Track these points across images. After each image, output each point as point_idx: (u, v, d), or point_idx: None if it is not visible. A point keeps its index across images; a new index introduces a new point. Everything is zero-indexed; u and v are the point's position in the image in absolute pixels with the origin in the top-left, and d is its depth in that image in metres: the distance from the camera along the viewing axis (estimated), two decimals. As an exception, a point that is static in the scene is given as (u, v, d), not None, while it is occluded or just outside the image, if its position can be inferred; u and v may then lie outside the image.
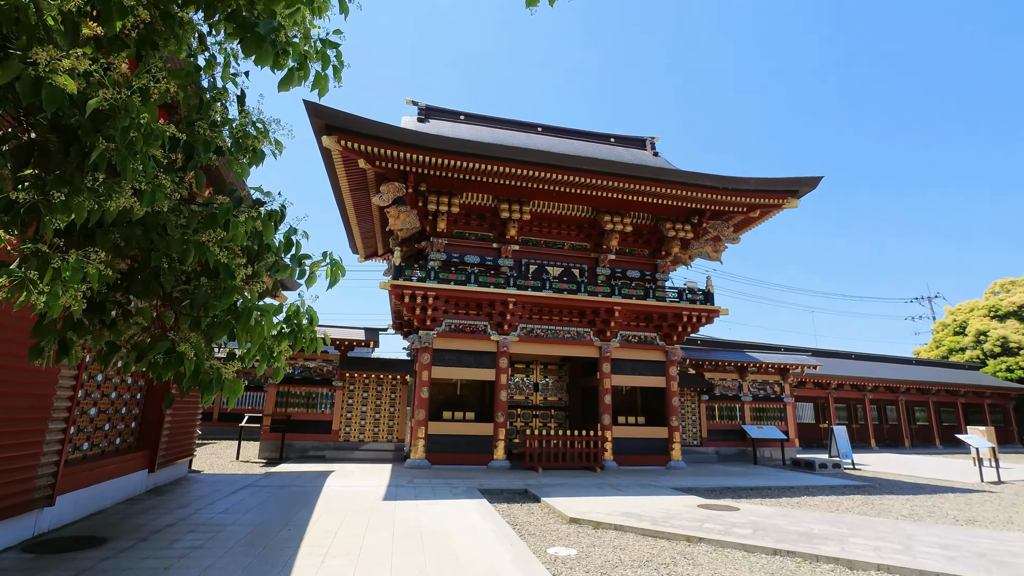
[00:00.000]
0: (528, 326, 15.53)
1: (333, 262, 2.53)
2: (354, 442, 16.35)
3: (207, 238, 2.13)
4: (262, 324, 2.31)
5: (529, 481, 11.91)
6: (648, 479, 12.96)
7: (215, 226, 2.14)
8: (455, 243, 15.81)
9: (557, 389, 18.28)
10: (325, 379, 16.59)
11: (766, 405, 19.94)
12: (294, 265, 2.54)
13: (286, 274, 2.59)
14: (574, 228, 16.75)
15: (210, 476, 11.59)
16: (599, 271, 16.56)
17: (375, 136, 12.86)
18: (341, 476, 11.96)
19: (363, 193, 15.50)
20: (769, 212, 16.14)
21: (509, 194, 15.27)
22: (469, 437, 14.52)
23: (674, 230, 16.25)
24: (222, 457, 16.02)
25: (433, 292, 14.20)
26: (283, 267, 2.54)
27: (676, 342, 16.40)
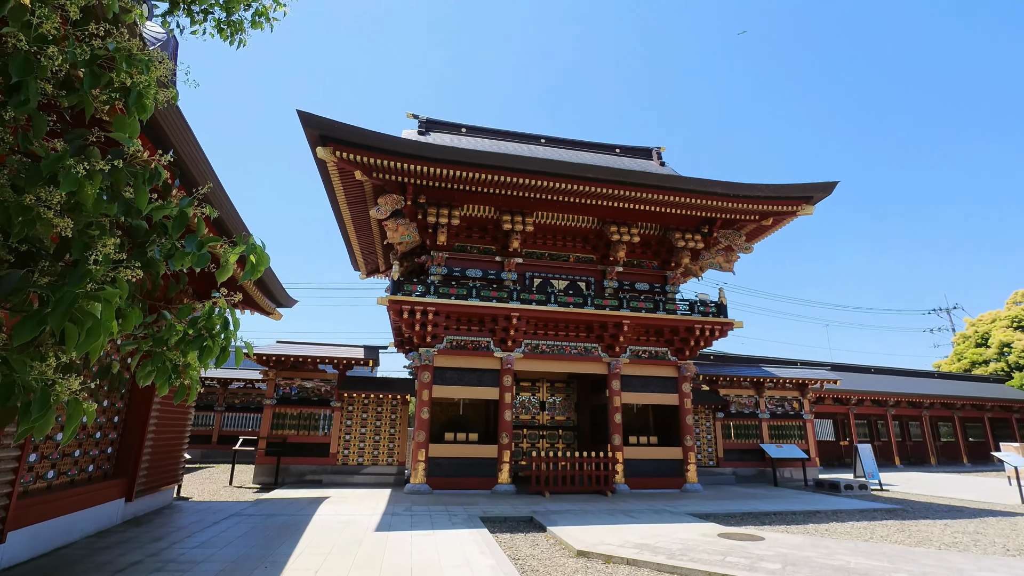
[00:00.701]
0: (533, 342, 14.87)
1: (254, 248, 1.96)
2: (353, 466, 15.64)
3: (33, 200, 1.56)
4: (100, 321, 1.70)
5: (535, 507, 11.14)
6: (662, 503, 12.13)
7: (38, 182, 1.57)
8: (456, 256, 15.27)
9: (565, 408, 17.52)
10: (323, 399, 15.97)
11: (785, 422, 19.01)
12: (192, 248, 1.96)
13: (185, 261, 2.00)
14: (580, 240, 16.17)
15: (197, 504, 10.94)
16: (606, 284, 15.92)
17: (371, 147, 12.44)
18: (335, 503, 11.26)
19: (362, 207, 15.06)
20: (783, 220, 15.48)
21: (511, 205, 14.76)
22: (472, 460, 13.78)
23: (683, 240, 15.62)
24: (216, 482, 15.37)
25: (433, 307, 13.62)
26: (179, 253, 1.96)
27: (688, 357, 15.65)
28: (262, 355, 15.34)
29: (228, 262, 2.02)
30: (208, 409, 23.82)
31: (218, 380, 23.92)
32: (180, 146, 5.61)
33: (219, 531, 8.18)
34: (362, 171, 13.03)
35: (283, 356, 15.43)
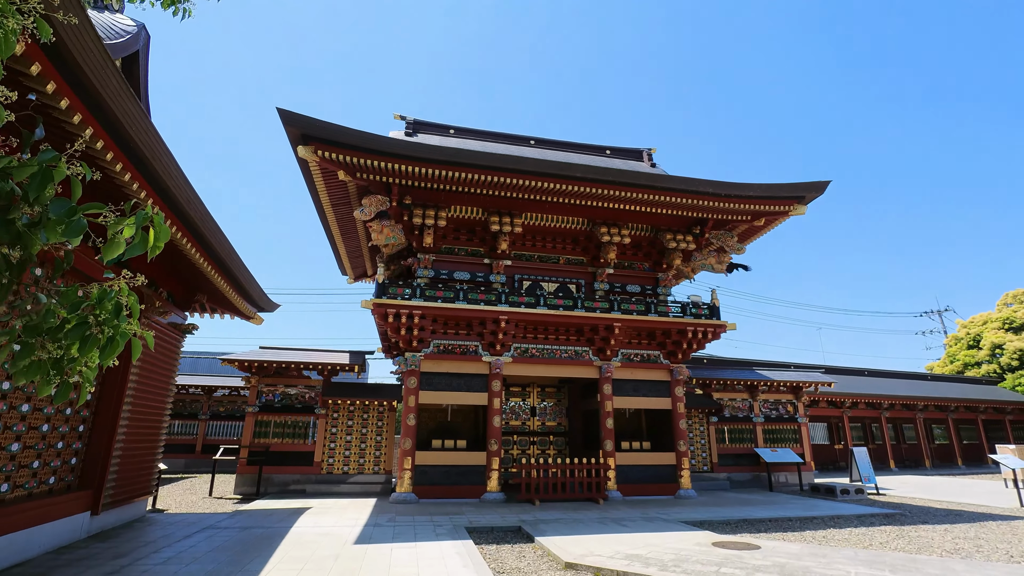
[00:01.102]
0: (523, 346, 14.53)
1: (149, 218, 1.63)
2: (338, 475, 15.20)
3: None
4: None
5: (524, 516, 10.77)
6: (655, 511, 11.78)
7: None
8: (443, 259, 14.94)
9: (555, 413, 17.17)
10: (307, 406, 15.53)
11: (779, 426, 18.74)
12: (59, 215, 1.60)
13: (54, 234, 1.64)
14: (569, 241, 15.89)
15: (171, 517, 10.49)
16: (597, 286, 15.63)
17: (354, 146, 12.11)
18: (316, 514, 10.83)
19: (346, 208, 14.70)
20: (775, 220, 15.28)
21: (499, 206, 14.46)
22: (460, 468, 13.39)
23: (675, 241, 15.37)
24: (196, 493, 14.87)
25: (419, 310, 13.26)
26: (50, 223, 1.60)
27: (681, 360, 15.36)
28: (244, 361, 14.91)
29: (118, 237, 1.69)
30: (192, 418, 23.26)
31: (202, 388, 23.38)
32: (95, 77, 5.00)
33: (188, 546, 7.75)
34: (345, 171, 12.70)
35: (265, 362, 15.01)
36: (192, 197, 7.60)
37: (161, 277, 10.44)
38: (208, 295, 11.82)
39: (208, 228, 8.37)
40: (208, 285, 10.94)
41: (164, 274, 10.51)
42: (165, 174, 6.76)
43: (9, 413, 6.68)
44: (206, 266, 9.15)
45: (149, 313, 9.50)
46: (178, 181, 7.06)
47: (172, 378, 11.09)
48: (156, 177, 6.64)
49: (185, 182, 7.35)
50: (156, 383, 10.34)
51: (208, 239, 8.75)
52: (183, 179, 7.28)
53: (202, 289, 11.56)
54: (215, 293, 11.54)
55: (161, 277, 10.44)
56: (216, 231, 8.80)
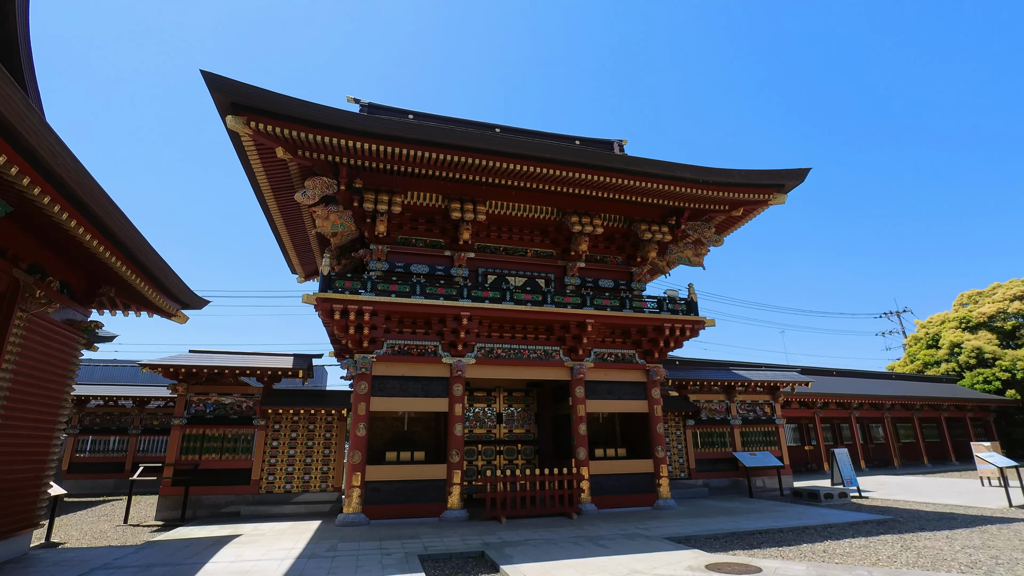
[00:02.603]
0: (487, 345, 13.20)
1: None
2: (279, 494, 13.47)
3: None
4: None
5: (489, 538, 9.40)
6: (635, 525, 10.60)
7: None
8: (399, 250, 13.50)
9: (524, 420, 15.87)
10: (244, 417, 13.77)
11: (756, 428, 17.94)
12: None
13: None
14: (538, 232, 14.68)
15: (63, 554, 8.67)
16: (567, 281, 14.46)
17: (294, 118, 10.61)
18: (243, 544, 9.19)
19: (290, 194, 13.10)
20: (754, 210, 14.46)
21: (461, 193, 13.13)
22: (418, 483, 11.91)
23: (650, 232, 14.35)
24: (113, 520, 12.89)
25: (370, 306, 11.78)
26: None
27: (658, 359, 14.31)
28: (169, 366, 13.07)
29: None
30: (122, 433, 20.92)
31: (133, 399, 21.09)
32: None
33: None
34: (285, 148, 11.17)
35: (195, 367, 13.20)
36: (59, 149, 6.01)
37: (52, 264, 8.69)
38: (117, 288, 10.08)
39: (89, 192, 6.77)
40: (113, 275, 9.22)
41: (56, 261, 8.76)
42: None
43: None
44: (90, 240, 7.49)
45: (27, 305, 7.75)
46: (30, 123, 5.47)
47: (66, 385, 9.28)
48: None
49: (47, 129, 5.76)
50: (41, 391, 8.55)
51: (89, 205, 7.13)
52: (41, 125, 5.70)
53: (108, 280, 9.81)
54: (124, 285, 9.81)
55: (52, 264, 8.69)
56: (105, 200, 7.20)
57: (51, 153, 5.83)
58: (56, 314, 8.93)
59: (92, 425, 20.80)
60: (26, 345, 8.00)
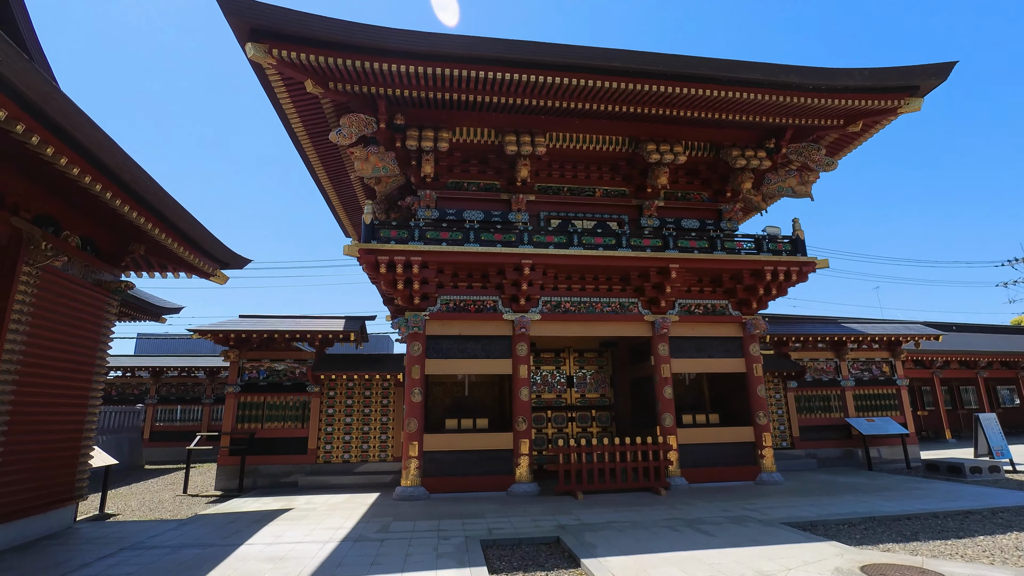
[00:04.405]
0: (554, 299, 11.54)
1: None
2: (337, 464, 12.68)
3: None
4: None
5: (564, 518, 7.91)
6: (739, 505, 8.77)
7: None
8: (450, 195, 11.98)
9: (597, 383, 14.19)
10: (297, 384, 13.00)
11: (874, 390, 15.31)
12: None
13: None
14: (607, 168, 12.66)
15: (104, 528, 8.06)
16: (644, 222, 12.42)
17: (320, 40, 9.16)
18: (289, 521, 8.24)
19: (328, 138, 11.84)
20: (878, 122, 11.69)
21: (517, 124, 11.35)
22: (481, 454, 10.63)
23: (743, 158, 11.95)
24: (176, 489, 12.60)
25: (419, 257, 10.39)
26: None
27: (757, 310, 12.11)
28: (219, 331, 12.42)
29: None
30: (195, 402, 21.31)
31: (204, 369, 21.34)
32: None
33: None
34: (314, 80, 9.79)
35: (245, 332, 12.47)
36: (54, 93, 4.83)
37: (68, 218, 7.84)
38: (146, 245, 9.22)
39: (77, 126, 5.62)
40: (135, 230, 8.30)
41: (72, 214, 7.90)
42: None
43: None
44: (101, 190, 6.45)
45: (33, 258, 6.88)
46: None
47: (98, 350, 8.57)
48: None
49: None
50: (67, 355, 7.81)
51: (93, 150, 6.06)
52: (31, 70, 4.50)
53: (135, 236, 8.95)
54: (152, 242, 8.92)
55: (68, 218, 7.84)
56: (110, 144, 6.10)
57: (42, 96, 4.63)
58: (80, 272, 8.14)
59: (169, 395, 21.30)
60: (42, 305, 7.19)
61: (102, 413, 16.60)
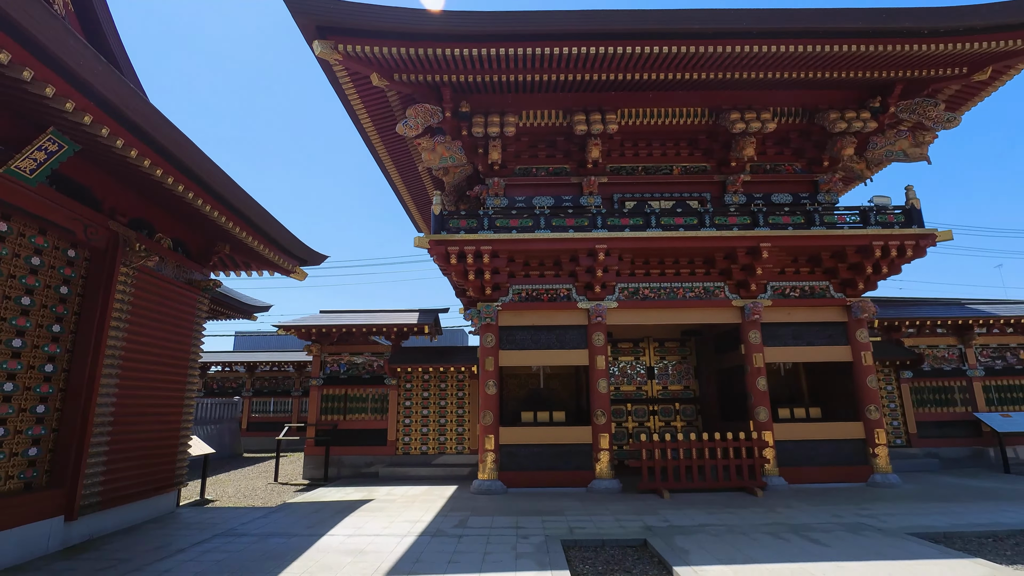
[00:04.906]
0: (631, 285, 10.90)
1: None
2: (416, 455, 12.79)
3: None
4: None
5: (650, 519, 7.36)
6: (851, 510, 7.79)
7: None
8: (518, 182, 11.64)
9: (680, 374, 13.35)
10: (376, 377, 13.24)
11: (1010, 381, 13.32)
12: None
13: None
14: (685, 143, 11.78)
15: (201, 514, 8.48)
16: (728, 199, 11.45)
17: (387, 31, 9.07)
18: (368, 512, 8.28)
19: (395, 131, 11.86)
20: (1012, 66, 9.99)
21: (586, 103, 10.77)
22: (558, 448, 10.24)
23: (843, 121, 10.66)
24: (268, 477, 13.25)
25: (489, 246, 10.13)
26: None
27: (863, 291, 10.81)
28: (302, 327, 12.87)
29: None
30: (285, 394, 22.53)
31: (292, 363, 22.50)
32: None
33: (161, 570, 5.37)
34: (379, 72, 9.76)
35: (325, 327, 12.85)
36: (146, 109, 5.05)
37: (160, 221, 8.28)
38: (231, 245, 9.62)
39: (166, 135, 5.81)
40: (220, 230, 8.66)
41: (164, 218, 8.34)
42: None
43: None
44: (186, 193, 6.69)
45: (128, 259, 7.27)
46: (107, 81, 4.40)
47: (191, 345, 9.03)
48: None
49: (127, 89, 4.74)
50: (164, 351, 8.27)
51: (179, 156, 6.28)
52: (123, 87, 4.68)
53: (220, 237, 9.34)
54: (235, 241, 9.29)
55: (160, 221, 8.28)
56: (195, 151, 6.33)
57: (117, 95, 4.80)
58: (172, 272, 8.59)
59: (262, 388, 22.66)
60: (139, 302, 7.63)
61: (205, 405, 17.90)
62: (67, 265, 6.75)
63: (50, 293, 6.46)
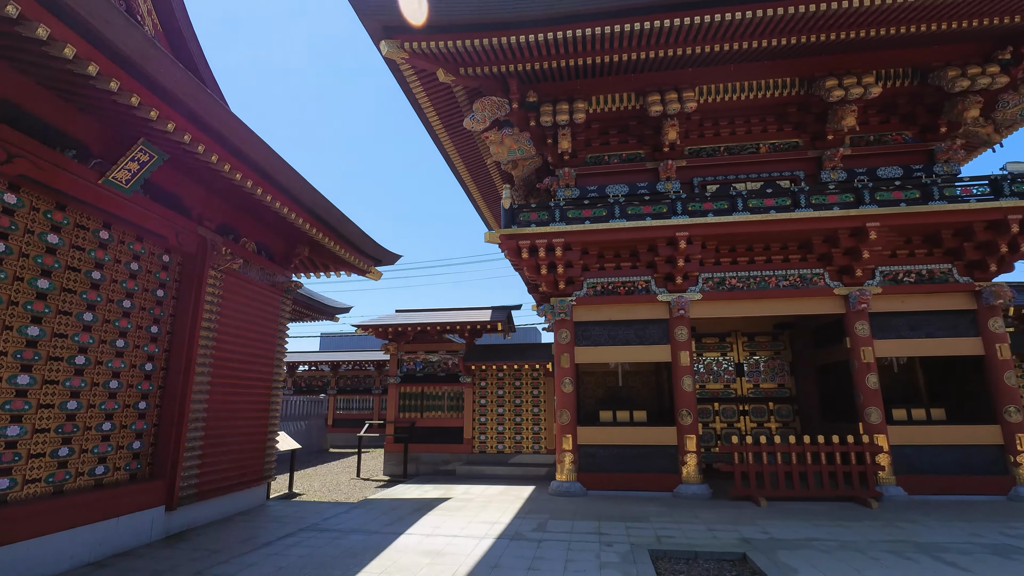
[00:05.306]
0: (716, 275, 10.12)
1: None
2: (492, 454, 12.66)
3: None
4: None
5: (747, 529, 6.69)
6: (992, 527, 6.68)
7: None
8: (590, 171, 11.16)
9: (774, 371, 12.29)
10: (451, 375, 13.25)
11: None
12: None
13: None
14: (772, 118, 10.79)
15: (288, 508, 8.77)
16: (825, 176, 10.34)
17: (451, 24, 8.95)
18: (446, 512, 8.17)
19: (462, 128, 11.79)
20: None
21: (661, 82, 10.11)
22: (640, 449, 9.68)
23: (965, 79, 9.26)
24: (351, 472, 13.67)
25: (561, 238, 9.76)
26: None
27: (996, 274, 9.36)
28: (378, 326, 13.14)
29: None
30: (366, 392, 23.35)
31: (373, 363, 23.27)
32: None
33: (246, 564, 5.49)
34: (445, 68, 9.67)
35: (400, 325, 13.03)
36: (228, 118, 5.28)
37: (244, 226, 8.64)
38: (310, 247, 9.91)
39: (254, 147, 6.02)
40: (301, 234, 8.94)
41: (248, 223, 8.71)
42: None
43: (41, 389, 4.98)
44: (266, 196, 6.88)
45: (216, 263, 7.61)
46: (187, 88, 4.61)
47: (276, 343, 9.38)
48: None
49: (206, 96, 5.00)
50: (251, 350, 8.62)
51: (258, 161, 6.48)
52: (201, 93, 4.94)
53: (300, 240, 9.65)
54: (315, 244, 9.56)
55: (244, 226, 8.64)
56: (270, 153, 6.51)
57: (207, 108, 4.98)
58: (256, 274, 8.94)
59: (345, 386, 23.64)
60: (226, 304, 7.98)
61: (294, 402, 18.87)
62: (162, 269, 7.15)
63: (148, 296, 6.86)
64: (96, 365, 6.04)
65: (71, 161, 5.41)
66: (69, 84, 5.00)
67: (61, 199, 5.56)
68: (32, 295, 5.31)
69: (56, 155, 5.26)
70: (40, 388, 5.36)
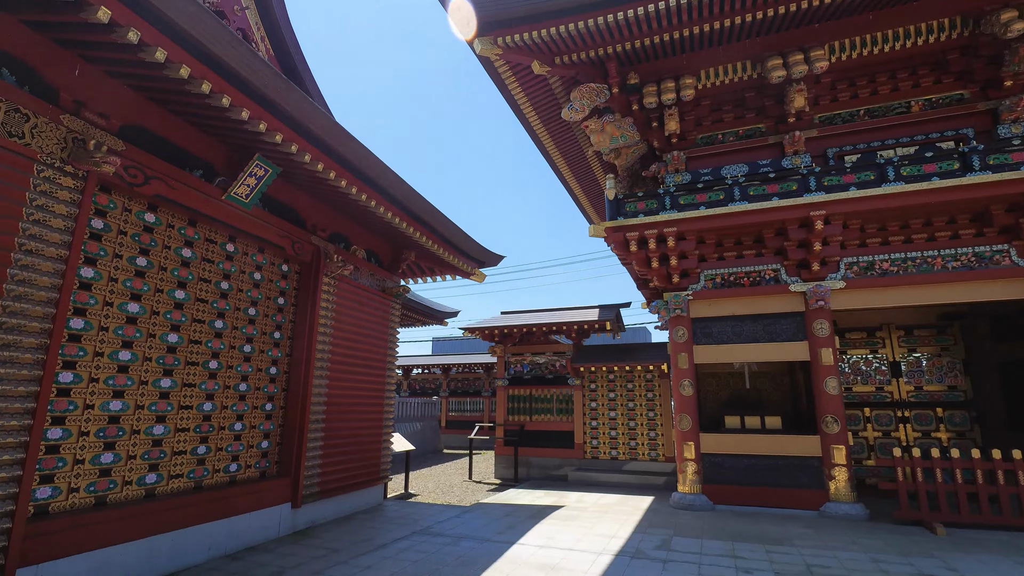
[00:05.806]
0: (861, 259, 8.70)
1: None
2: (605, 460, 12.03)
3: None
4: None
5: (924, 563, 5.50)
6: None
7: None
8: (701, 153, 10.19)
9: (941, 371, 10.35)
10: (558, 377, 12.85)
11: None
12: None
13: None
14: (927, 68, 9.07)
15: (405, 508, 8.89)
16: (1004, 132, 8.47)
17: (542, 12, 8.60)
18: (559, 521, 7.75)
19: (560, 120, 11.39)
20: None
21: (781, 44, 8.92)
22: (775, 460, 8.56)
23: None
24: (464, 474, 13.76)
25: (672, 227, 8.96)
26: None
27: None
28: (485, 328, 13.11)
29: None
30: (476, 395, 23.72)
31: (482, 365, 23.59)
32: None
33: (362, 566, 5.50)
34: (540, 59, 9.32)
35: (506, 327, 12.89)
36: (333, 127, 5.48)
37: (355, 234, 8.96)
38: (416, 252, 10.07)
39: (358, 155, 6.17)
40: (408, 240, 9.09)
41: (358, 231, 9.02)
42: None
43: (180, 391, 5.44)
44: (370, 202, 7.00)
45: (329, 270, 7.90)
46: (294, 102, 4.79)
47: (387, 346, 9.60)
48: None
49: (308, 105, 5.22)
50: (366, 352, 8.89)
51: (363, 168, 6.61)
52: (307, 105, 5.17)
53: (406, 245, 9.83)
54: (421, 248, 9.68)
55: (355, 234, 8.96)
56: (374, 160, 6.64)
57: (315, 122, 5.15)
58: (367, 280, 9.22)
59: (456, 389, 24.21)
60: (340, 310, 8.27)
61: (409, 404, 19.60)
62: (281, 278, 7.54)
63: (270, 304, 7.26)
64: (227, 369, 6.46)
65: (199, 180, 5.80)
66: (189, 105, 5.33)
67: (192, 215, 5.99)
68: (171, 305, 5.76)
69: (186, 175, 5.66)
70: (180, 391, 5.80)
